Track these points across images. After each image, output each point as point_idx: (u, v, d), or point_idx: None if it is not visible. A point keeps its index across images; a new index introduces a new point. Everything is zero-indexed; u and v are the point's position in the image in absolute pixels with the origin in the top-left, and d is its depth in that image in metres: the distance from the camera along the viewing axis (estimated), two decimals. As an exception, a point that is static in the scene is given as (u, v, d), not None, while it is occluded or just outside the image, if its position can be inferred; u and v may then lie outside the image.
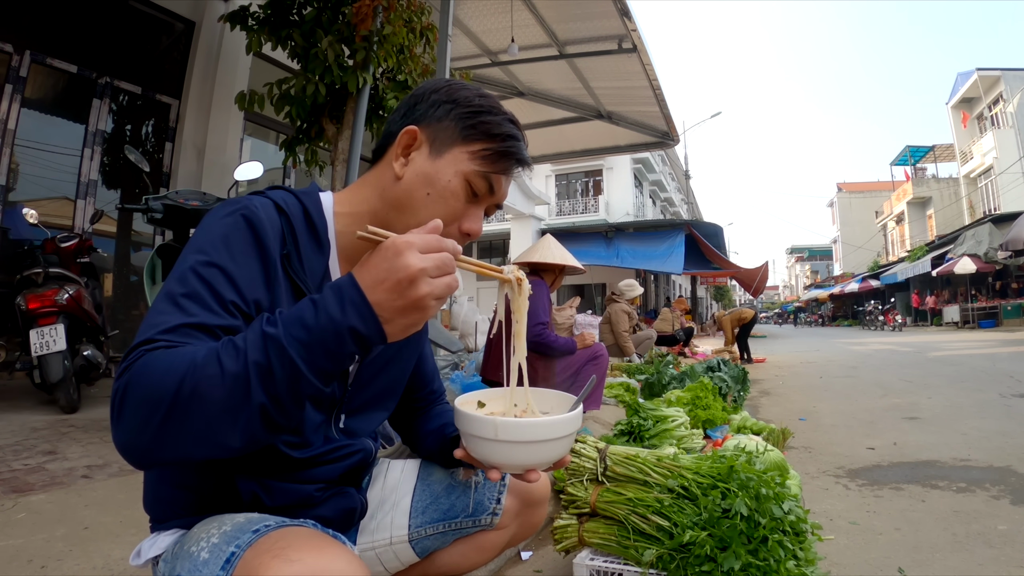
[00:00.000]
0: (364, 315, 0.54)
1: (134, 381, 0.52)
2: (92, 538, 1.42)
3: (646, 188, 25.36)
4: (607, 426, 2.90)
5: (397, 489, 0.91)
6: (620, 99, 6.78)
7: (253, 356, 0.52)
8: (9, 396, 3.26)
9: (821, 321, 36.33)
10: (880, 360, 8.07)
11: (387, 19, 3.28)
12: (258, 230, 0.65)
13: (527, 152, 0.78)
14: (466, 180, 0.73)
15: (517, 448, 0.64)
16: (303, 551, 0.53)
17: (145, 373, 0.52)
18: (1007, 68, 22.14)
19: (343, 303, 0.54)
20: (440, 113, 0.74)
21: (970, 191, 24.40)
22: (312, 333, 0.53)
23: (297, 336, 0.53)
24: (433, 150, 0.73)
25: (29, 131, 4.18)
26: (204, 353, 0.52)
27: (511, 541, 0.97)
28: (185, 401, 0.50)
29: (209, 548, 0.57)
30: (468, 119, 0.73)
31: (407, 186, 0.73)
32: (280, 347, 0.52)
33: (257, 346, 0.52)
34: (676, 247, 16.00)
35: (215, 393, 0.51)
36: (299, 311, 0.54)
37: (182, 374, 0.51)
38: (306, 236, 0.71)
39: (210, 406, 0.51)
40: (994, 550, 1.63)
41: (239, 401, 0.51)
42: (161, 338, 0.55)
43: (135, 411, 0.51)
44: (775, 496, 1.23)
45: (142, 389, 0.51)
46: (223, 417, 0.51)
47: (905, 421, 3.57)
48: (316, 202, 0.75)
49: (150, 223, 2.70)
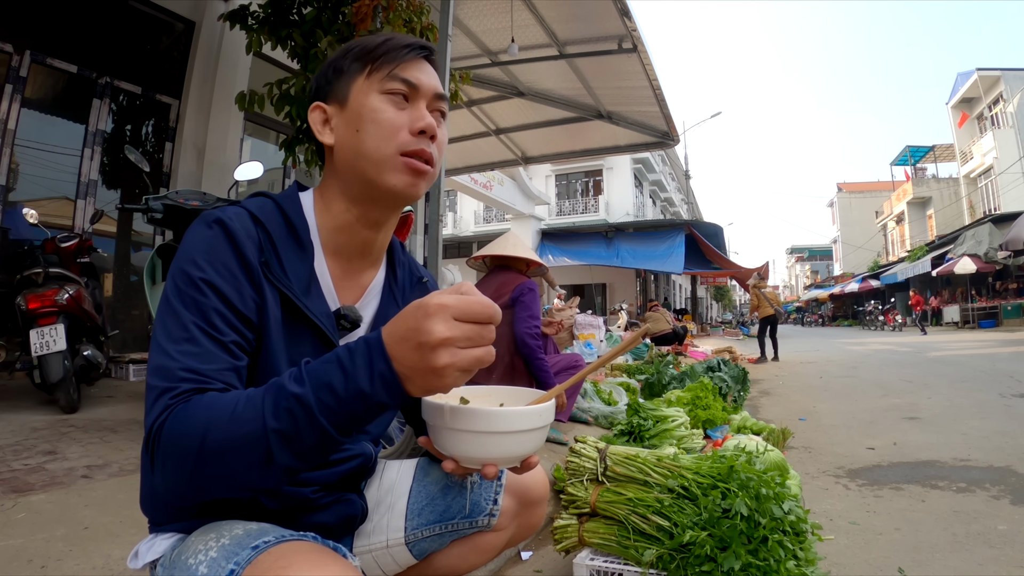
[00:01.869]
0: (392, 390, 0.54)
1: (164, 437, 0.55)
2: (92, 538, 1.42)
3: (646, 188, 25.37)
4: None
5: (393, 491, 0.90)
6: (620, 99, 6.77)
7: (273, 424, 0.53)
8: (9, 396, 3.26)
9: (821, 321, 36.33)
10: (880, 360, 8.07)
11: (387, 19, 3.28)
12: (237, 242, 0.66)
13: (412, 38, 0.77)
14: (379, 94, 0.72)
15: (471, 438, 0.61)
16: (303, 568, 0.53)
17: (172, 430, 0.55)
18: (1007, 68, 22.13)
19: (372, 376, 0.53)
20: (328, 78, 0.76)
21: (970, 191, 24.39)
22: (342, 403, 0.53)
23: (327, 403, 0.53)
24: (340, 103, 0.74)
25: (29, 131, 4.18)
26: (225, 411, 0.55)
27: (510, 542, 0.96)
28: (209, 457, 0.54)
29: (208, 562, 0.57)
30: (347, 59, 0.75)
31: (341, 142, 0.74)
32: (310, 413, 0.53)
33: (280, 411, 0.53)
34: (676, 247, 16.02)
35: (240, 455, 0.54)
36: (327, 376, 0.54)
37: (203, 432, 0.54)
38: (286, 241, 0.72)
39: (235, 464, 0.54)
40: (994, 550, 1.63)
41: (262, 460, 0.54)
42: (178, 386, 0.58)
43: (168, 464, 0.55)
44: (775, 496, 1.23)
45: (171, 446, 0.55)
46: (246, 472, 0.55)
47: (905, 421, 3.57)
48: (295, 204, 0.75)
49: (150, 223, 2.70)
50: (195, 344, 0.60)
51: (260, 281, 0.67)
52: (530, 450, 0.65)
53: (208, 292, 0.63)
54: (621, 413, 2.90)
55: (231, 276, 0.65)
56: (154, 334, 0.63)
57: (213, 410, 0.55)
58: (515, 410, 0.62)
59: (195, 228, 0.68)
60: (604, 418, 3.06)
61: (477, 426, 0.61)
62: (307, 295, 0.72)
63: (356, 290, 0.80)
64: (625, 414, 2.55)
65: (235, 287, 0.65)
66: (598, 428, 3.01)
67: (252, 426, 0.53)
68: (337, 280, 0.77)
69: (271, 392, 0.54)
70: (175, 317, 0.62)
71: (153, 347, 0.62)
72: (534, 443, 0.64)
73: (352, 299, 0.79)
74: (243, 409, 0.54)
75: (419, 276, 0.91)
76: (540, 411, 0.64)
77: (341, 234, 0.77)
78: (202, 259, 0.64)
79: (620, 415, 2.88)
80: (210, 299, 0.63)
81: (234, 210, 0.70)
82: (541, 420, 0.64)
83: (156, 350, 0.61)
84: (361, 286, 0.81)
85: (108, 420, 2.75)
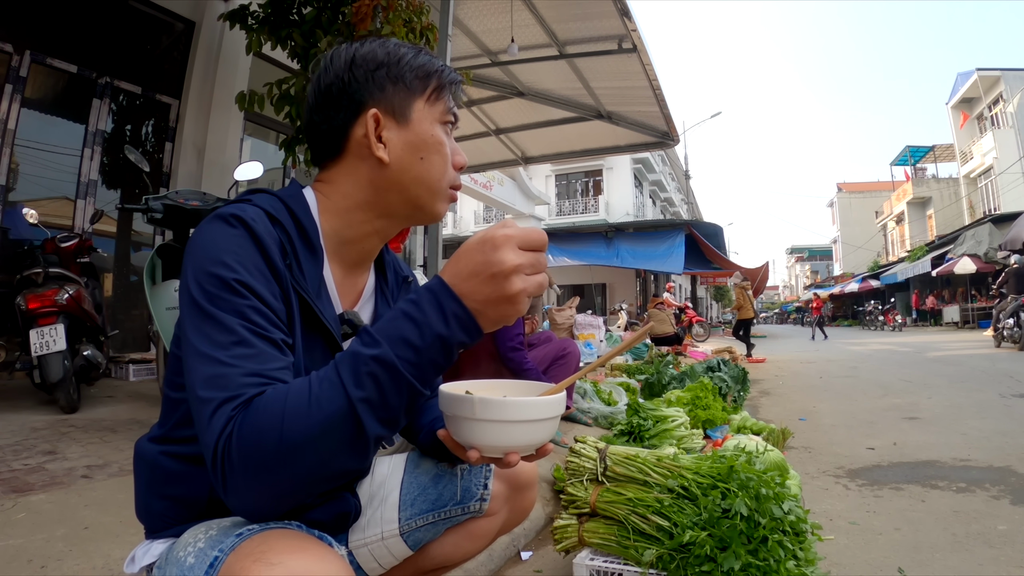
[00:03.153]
0: (468, 327, 0.55)
1: (236, 443, 0.52)
2: (92, 538, 1.42)
3: (646, 188, 25.37)
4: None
5: (385, 484, 0.91)
6: (620, 99, 6.77)
7: (358, 393, 0.52)
8: (9, 396, 3.26)
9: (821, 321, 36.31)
10: (880, 360, 8.07)
11: (386, 19, 3.27)
12: (264, 244, 0.64)
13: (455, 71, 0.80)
14: (440, 124, 0.75)
15: (496, 428, 0.64)
16: (284, 554, 0.52)
17: (246, 438, 0.52)
18: (1007, 68, 22.13)
19: (446, 318, 0.55)
20: (379, 81, 0.72)
21: (970, 191, 24.39)
22: (421, 354, 0.54)
23: (407, 358, 0.53)
24: (399, 118, 0.72)
25: (29, 131, 4.17)
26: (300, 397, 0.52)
27: (503, 528, 0.97)
28: (295, 450, 0.51)
29: (195, 553, 0.57)
30: (408, 73, 0.73)
31: (399, 164, 0.72)
32: (394, 371, 0.53)
33: (362, 378, 0.52)
34: (676, 247, 16.01)
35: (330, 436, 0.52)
36: (398, 330, 0.54)
37: (279, 426, 0.51)
38: (300, 243, 0.70)
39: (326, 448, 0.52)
40: (994, 550, 1.63)
41: (353, 434, 0.53)
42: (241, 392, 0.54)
43: (247, 477, 0.52)
44: (775, 496, 1.23)
45: (248, 455, 0.51)
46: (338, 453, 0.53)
47: (905, 421, 3.57)
48: (303, 205, 0.73)
49: (150, 223, 2.70)
50: (248, 346, 0.57)
51: (287, 285, 0.66)
52: (547, 437, 0.69)
53: (246, 293, 0.60)
54: (621, 413, 2.89)
55: (263, 277, 0.62)
56: (190, 343, 0.58)
57: (286, 401, 0.52)
58: (539, 399, 0.66)
59: (215, 226, 0.64)
60: (604, 418, 3.06)
61: (505, 415, 0.64)
62: (319, 299, 0.71)
63: (353, 294, 0.81)
64: (625, 414, 2.55)
65: (268, 288, 0.62)
66: (598, 428, 3.01)
67: (336, 403, 0.52)
68: (338, 285, 0.77)
69: (345, 364, 0.53)
70: (215, 322, 0.58)
71: (195, 357, 0.57)
72: (551, 430, 0.68)
73: (349, 303, 0.80)
74: (319, 389, 0.52)
75: (404, 275, 0.92)
76: (559, 400, 0.68)
77: (352, 242, 0.76)
78: (232, 259, 0.61)
79: (620, 415, 2.88)
80: (250, 300, 0.59)
81: (253, 210, 0.66)
82: (559, 408, 0.68)
83: (201, 360, 0.56)
84: (357, 290, 0.81)
85: (108, 420, 2.75)
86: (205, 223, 0.66)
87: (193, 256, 0.62)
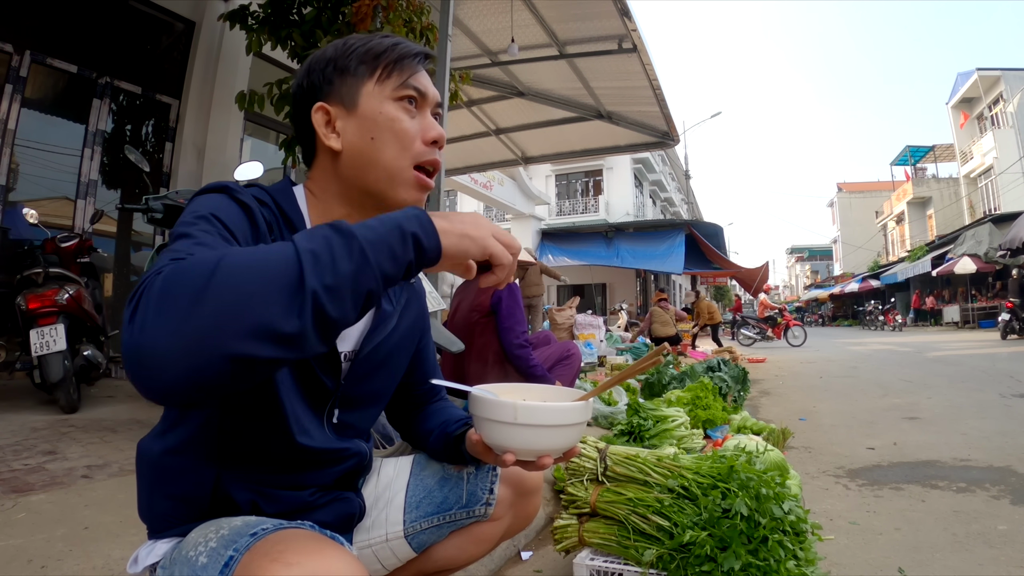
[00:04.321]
0: (427, 228, 0.56)
1: (162, 279, 0.46)
2: (92, 538, 1.42)
3: (646, 188, 25.36)
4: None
5: (391, 486, 0.91)
6: (620, 99, 6.78)
7: (307, 245, 0.49)
8: (9, 396, 3.26)
9: (821, 321, 36.33)
10: (880, 360, 8.07)
11: (386, 19, 3.28)
12: (250, 209, 0.67)
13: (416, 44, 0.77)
14: (393, 100, 0.73)
15: (534, 432, 0.66)
16: (301, 554, 0.53)
17: (177, 270, 0.46)
18: (1007, 68, 22.12)
19: (406, 214, 0.57)
20: (328, 76, 0.73)
21: (970, 191, 24.39)
22: (379, 234, 0.53)
23: (364, 232, 0.52)
24: (348, 106, 0.73)
25: (29, 131, 4.17)
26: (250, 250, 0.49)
27: (507, 532, 0.97)
28: (224, 278, 0.45)
29: (207, 552, 0.57)
30: (352, 60, 0.73)
31: (351, 149, 0.72)
32: (348, 236, 0.51)
33: (316, 237, 0.50)
34: (676, 247, 16.02)
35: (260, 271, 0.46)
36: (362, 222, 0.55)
37: (217, 259, 0.46)
38: (285, 233, 0.72)
39: (254, 281, 0.45)
40: (994, 550, 1.63)
41: (290, 283, 0.46)
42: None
43: (163, 303, 0.44)
44: (775, 496, 1.23)
45: (172, 283, 0.45)
46: (270, 292, 0.45)
47: (905, 421, 3.57)
48: (290, 197, 0.75)
49: (150, 223, 2.70)
50: (208, 247, 0.56)
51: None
52: (577, 440, 0.71)
53: (220, 226, 0.61)
54: (621, 413, 2.89)
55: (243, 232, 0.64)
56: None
57: (230, 248, 0.53)
58: (575, 404, 0.69)
59: (202, 194, 0.67)
60: (604, 418, 3.06)
61: (545, 420, 0.66)
62: None
63: None
64: (625, 414, 2.55)
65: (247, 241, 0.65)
66: (598, 428, 3.01)
67: (282, 250, 0.48)
68: None
69: (303, 232, 0.51)
70: (186, 237, 0.57)
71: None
72: (581, 434, 0.71)
73: None
74: (270, 245, 0.50)
75: None
76: (591, 404, 0.72)
77: None
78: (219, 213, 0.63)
79: (620, 415, 2.88)
80: (224, 231, 0.61)
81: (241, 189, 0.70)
82: (590, 413, 0.72)
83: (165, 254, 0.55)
84: None
85: (108, 420, 2.75)
86: (195, 194, 0.68)
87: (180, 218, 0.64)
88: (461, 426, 0.87)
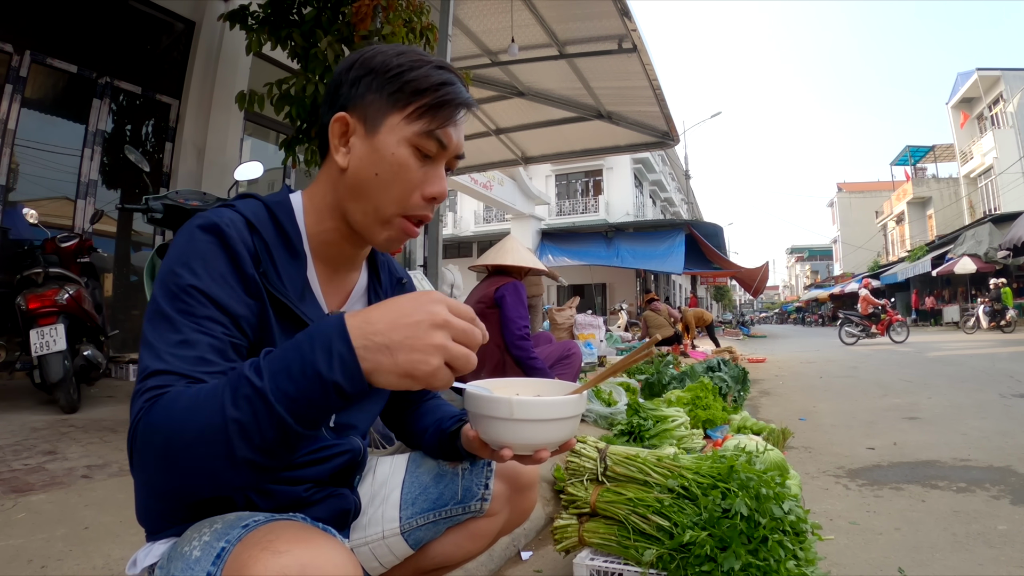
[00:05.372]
0: (351, 371, 0.51)
1: (140, 431, 0.53)
2: (92, 538, 1.42)
3: (646, 188, 25.37)
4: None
5: (387, 483, 0.91)
6: (620, 99, 6.78)
7: (233, 413, 0.50)
8: (9, 396, 3.26)
9: (821, 321, 36.32)
10: (880, 360, 8.07)
11: (387, 19, 3.28)
12: (234, 252, 0.65)
13: (467, 93, 0.72)
14: (411, 146, 0.69)
15: (531, 427, 0.67)
16: (291, 542, 0.53)
17: (148, 425, 0.53)
18: (1007, 68, 22.13)
19: (331, 357, 0.51)
20: (362, 88, 0.70)
21: (970, 191, 24.39)
22: (300, 389, 0.50)
23: (284, 390, 0.50)
24: (368, 128, 0.70)
25: (29, 131, 4.17)
26: (192, 403, 0.52)
27: (504, 528, 0.97)
28: (177, 450, 0.51)
29: (201, 546, 0.58)
30: (391, 83, 0.69)
31: (354, 174, 0.71)
32: (266, 402, 0.50)
33: (241, 400, 0.50)
34: (676, 247, 16.03)
35: (202, 447, 0.51)
36: (284, 360, 0.52)
37: (169, 424, 0.52)
38: (280, 249, 0.71)
39: (200, 457, 0.51)
40: (994, 550, 1.63)
41: (224, 452, 0.51)
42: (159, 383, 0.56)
43: (145, 460, 0.53)
44: (775, 496, 1.23)
45: (145, 441, 0.53)
46: (213, 463, 0.51)
47: (905, 421, 3.57)
48: (287, 210, 0.74)
49: (150, 223, 2.70)
50: (191, 347, 0.58)
51: (259, 290, 0.67)
52: (574, 433, 0.72)
53: (200, 298, 0.61)
54: (621, 413, 2.89)
55: (226, 284, 0.64)
56: (144, 334, 0.61)
57: (180, 401, 0.52)
58: (570, 398, 0.69)
59: (189, 231, 0.66)
60: (604, 418, 3.06)
61: (541, 415, 0.67)
62: (303, 302, 0.72)
63: (341, 295, 0.81)
64: (625, 414, 2.55)
65: (229, 295, 0.63)
66: (598, 428, 3.01)
67: (212, 416, 0.50)
68: (324, 286, 0.77)
69: (231, 380, 0.52)
70: (166, 320, 0.60)
71: (143, 347, 0.59)
72: (577, 426, 0.72)
73: (337, 304, 0.80)
74: (204, 398, 0.52)
75: (398, 277, 0.92)
76: (586, 397, 0.73)
77: (330, 246, 0.77)
78: (197, 264, 0.63)
79: (620, 415, 2.88)
80: (204, 306, 0.61)
81: (230, 215, 0.68)
82: (585, 405, 0.73)
83: (146, 351, 0.59)
84: (345, 291, 0.81)
85: (108, 420, 2.75)
86: (183, 227, 0.67)
87: (167, 257, 0.65)
88: (455, 422, 0.87)
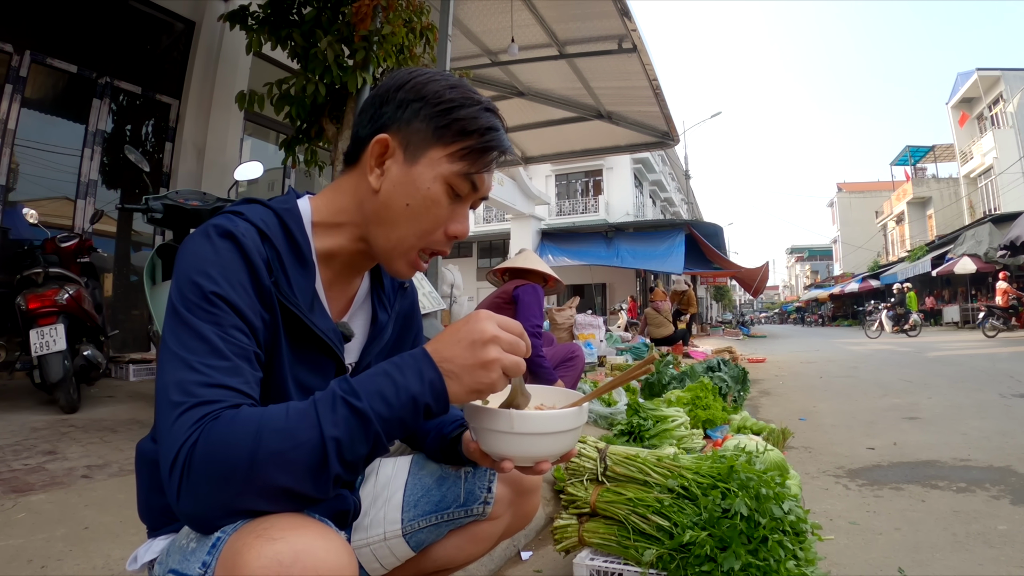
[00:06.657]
0: (439, 393, 0.59)
1: (200, 458, 0.53)
2: (92, 538, 1.42)
3: (646, 188, 25.37)
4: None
5: (389, 485, 0.91)
6: (620, 99, 6.79)
7: (332, 432, 0.55)
8: (9, 396, 3.26)
9: (821, 321, 36.32)
10: (880, 360, 8.07)
11: (387, 19, 3.28)
12: (251, 261, 0.65)
13: (508, 140, 0.74)
14: (447, 184, 0.70)
15: (532, 440, 0.67)
16: (286, 530, 0.53)
17: (212, 447, 0.53)
18: (1007, 68, 22.12)
19: (423, 380, 0.59)
20: (409, 114, 0.70)
21: (970, 191, 24.38)
22: (394, 410, 0.57)
23: (381, 412, 0.57)
24: (407, 156, 0.70)
25: (29, 131, 4.18)
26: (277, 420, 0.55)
27: (506, 532, 0.97)
28: (263, 467, 0.53)
29: (197, 538, 0.59)
30: (440, 118, 0.69)
31: (385, 199, 0.70)
32: (366, 422, 0.56)
33: (339, 420, 0.55)
34: (676, 247, 16.01)
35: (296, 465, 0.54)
36: (377, 385, 0.58)
37: (254, 443, 0.53)
38: (291, 258, 0.70)
39: (288, 474, 0.54)
40: (994, 550, 1.63)
41: (317, 469, 0.55)
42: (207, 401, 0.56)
43: (206, 486, 0.53)
44: (775, 496, 1.23)
45: (211, 464, 0.53)
46: (302, 478, 0.54)
47: (905, 421, 3.57)
48: (297, 218, 0.72)
49: (150, 223, 2.70)
50: (222, 358, 0.59)
51: (272, 301, 0.67)
52: (574, 444, 0.73)
53: (225, 307, 0.61)
54: (621, 413, 2.89)
55: (245, 292, 0.64)
56: (167, 347, 0.60)
57: (262, 421, 0.54)
58: (570, 411, 0.70)
59: (205, 238, 0.65)
60: (604, 418, 3.06)
61: (542, 428, 0.67)
62: (312, 312, 0.72)
63: (343, 301, 0.81)
64: (625, 414, 2.55)
65: (248, 304, 0.64)
66: (598, 428, 3.01)
67: (310, 434, 0.54)
68: (327, 292, 0.77)
69: (325, 403, 0.56)
70: (192, 330, 0.59)
71: (169, 360, 0.59)
72: (577, 438, 0.72)
73: (340, 309, 0.80)
74: (297, 418, 0.55)
75: (400, 281, 0.92)
76: (587, 408, 0.73)
77: (340, 258, 0.77)
78: (216, 272, 0.62)
79: (620, 415, 2.88)
80: (228, 313, 0.61)
81: (244, 225, 0.67)
82: (586, 416, 0.73)
83: (174, 363, 0.58)
84: (347, 296, 0.82)
85: (108, 420, 2.75)
86: (197, 233, 0.67)
87: (181, 264, 0.64)
88: (456, 427, 0.87)
